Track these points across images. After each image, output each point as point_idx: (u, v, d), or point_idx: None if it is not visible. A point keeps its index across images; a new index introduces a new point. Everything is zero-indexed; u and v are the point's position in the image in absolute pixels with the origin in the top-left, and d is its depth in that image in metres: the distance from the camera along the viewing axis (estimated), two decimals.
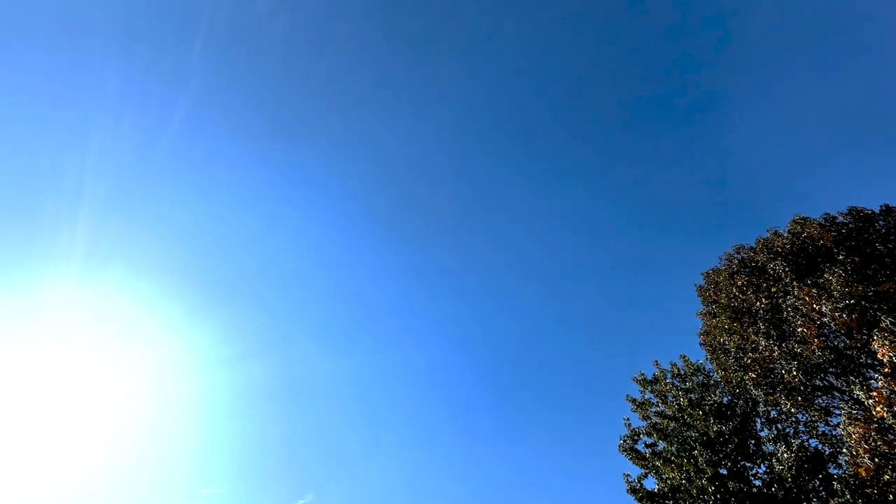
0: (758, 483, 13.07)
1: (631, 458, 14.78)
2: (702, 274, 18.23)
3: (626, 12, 44.77)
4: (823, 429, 13.86)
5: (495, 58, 48.00)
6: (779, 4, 41.26)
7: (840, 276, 13.00)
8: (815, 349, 13.29)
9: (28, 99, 39.95)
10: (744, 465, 13.40)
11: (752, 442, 13.87)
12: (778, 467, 12.71)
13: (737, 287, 16.03)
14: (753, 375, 14.62)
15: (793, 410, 14.14)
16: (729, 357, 15.50)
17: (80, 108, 41.30)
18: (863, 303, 12.68)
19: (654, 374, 16.49)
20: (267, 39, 42.92)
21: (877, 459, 10.98)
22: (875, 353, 12.20)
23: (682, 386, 15.72)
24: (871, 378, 12.68)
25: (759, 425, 14.38)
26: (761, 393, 14.39)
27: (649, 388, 16.24)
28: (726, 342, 15.81)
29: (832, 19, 40.06)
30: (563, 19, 45.51)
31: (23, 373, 39.43)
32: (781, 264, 14.82)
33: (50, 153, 41.07)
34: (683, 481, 13.36)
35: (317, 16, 43.19)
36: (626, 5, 44.67)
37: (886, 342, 11.22)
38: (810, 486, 12.32)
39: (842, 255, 13.75)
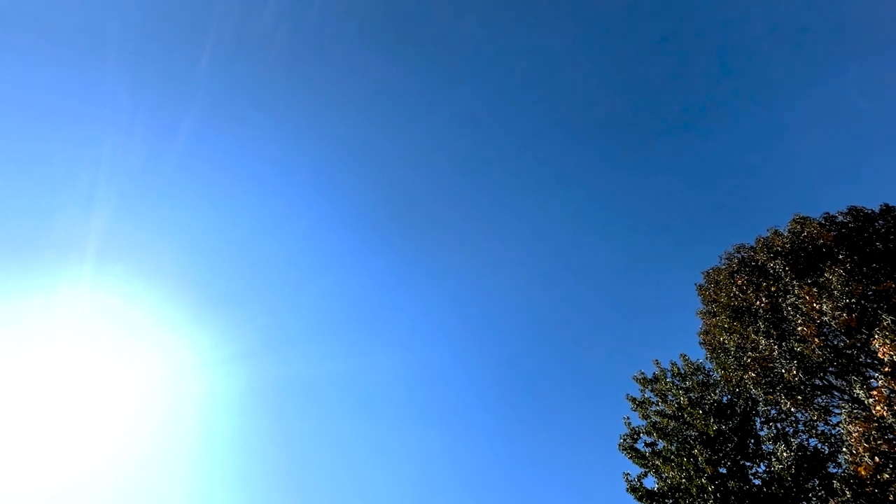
0: (757, 482, 13.07)
1: (631, 457, 14.77)
2: (702, 273, 18.21)
3: (624, 17, 44.82)
4: (823, 428, 13.86)
5: (494, 63, 48.13)
6: (776, 4, 41.25)
7: (840, 275, 12.99)
8: (814, 348, 13.28)
9: (40, 106, 40.46)
10: (743, 464, 13.40)
11: (752, 441, 13.86)
12: (777, 466, 12.71)
13: (737, 286, 16.02)
14: (753, 374, 14.61)
15: (792, 409, 14.13)
16: (729, 356, 15.49)
17: (92, 116, 41.96)
18: (863, 302, 12.67)
19: (654, 374, 16.49)
20: (272, 48, 43.23)
21: (877, 458, 10.97)
22: (875, 352, 12.19)
23: (682, 385, 15.72)
24: (871, 377, 12.68)
25: (758, 424, 14.38)
26: (761, 392, 14.38)
27: (649, 387, 16.24)
28: (726, 341, 15.80)
29: (831, 19, 40.08)
30: (561, 25, 45.58)
31: (35, 374, 39.73)
32: (781, 263, 14.81)
33: (62, 160, 41.74)
34: (683, 480, 13.36)
35: (320, 24, 43.47)
36: (623, 10, 44.69)
37: (887, 341, 11.22)
38: (810, 485, 12.32)
39: (842, 254, 13.74)
